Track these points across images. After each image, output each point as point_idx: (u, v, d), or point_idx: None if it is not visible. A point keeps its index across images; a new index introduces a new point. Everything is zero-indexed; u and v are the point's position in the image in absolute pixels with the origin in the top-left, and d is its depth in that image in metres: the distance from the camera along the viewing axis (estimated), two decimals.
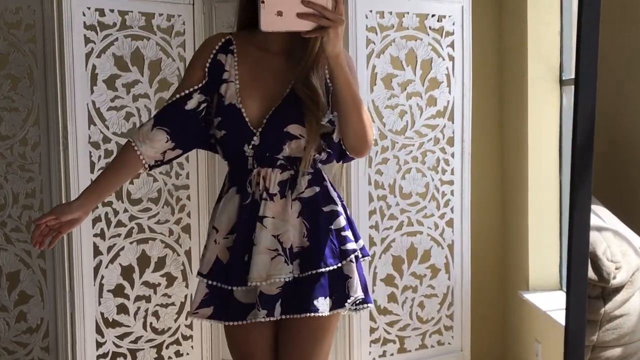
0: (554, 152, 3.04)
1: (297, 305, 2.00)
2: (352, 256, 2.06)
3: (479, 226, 3.17)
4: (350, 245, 2.06)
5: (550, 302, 2.94)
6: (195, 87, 2.04)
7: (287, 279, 1.98)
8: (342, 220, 2.08)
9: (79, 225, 2.07)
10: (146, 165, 2.06)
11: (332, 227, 2.06)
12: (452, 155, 2.96)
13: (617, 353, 2.11)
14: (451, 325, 3.01)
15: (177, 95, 2.05)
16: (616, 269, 2.03)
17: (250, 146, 2.01)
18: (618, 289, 2.06)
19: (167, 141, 2.04)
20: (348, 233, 2.08)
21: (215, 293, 2.03)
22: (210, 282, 2.02)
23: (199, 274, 2.05)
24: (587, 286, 1.37)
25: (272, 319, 1.99)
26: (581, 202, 1.32)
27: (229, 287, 2.01)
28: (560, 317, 2.74)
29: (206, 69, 2.05)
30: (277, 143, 2.00)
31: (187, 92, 2.04)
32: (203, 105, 2.06)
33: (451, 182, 2.97)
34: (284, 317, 2.00)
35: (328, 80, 2.00)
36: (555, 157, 3.04)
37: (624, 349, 2.10)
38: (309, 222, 2.03)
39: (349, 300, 2.02)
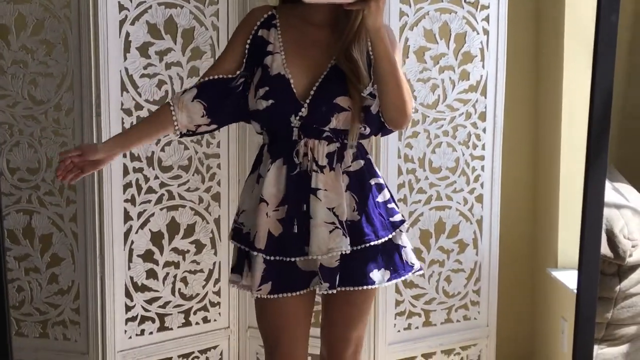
0: (586, 130, 3.00)
1: (352, 277, 2.06)
2: (403, 226, 2.14)
3: (508, 202, 3.15)
4: (398, 217, 2.14)
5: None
6: (242, 65, 2.08)
7: (345, 252, 2.02)
8: (387, 193, 2.16)
9: (102, 167, 2.18)
10: (178, 132, 2.12)
11: (379, 200, 2.12)
12: (484, 130, 2.94)
13: (632, 331, 2.09)
14: (477, 301, 3.01)
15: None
16: (633, 246, 2.01)
17: (298, 117, 2.03)
18: (634, 267, 2.04)
19: (202, 115, 2.10)
20: (394, 205, 2.16)
21: (273, 267, 2.05)
22: (269, 257, 2.04)
23: (256, 249, 2.03)
24: (599, 262, 1.36)
25: (333, 291, 2.04)
26: (596, 177, 1.31)
27: (291, 259, 2.04)
28: None
29: (247, 45, 2.09)
30: (325, 115, 2.03)
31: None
32: (242, 80, 2.10)
33: (482, 158, 2.95)
34: (340, 289, 2.04)
35: (370, 53, 2.01)
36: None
37: (639, 327, 2.08)
38: (357, 195, 2.07)
39: (414, 270, 2.15)
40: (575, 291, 2.77)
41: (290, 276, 2.05)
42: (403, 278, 2.16)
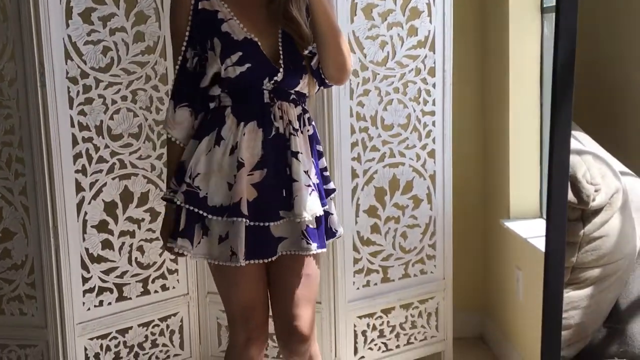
0: (535, 80, 3.04)
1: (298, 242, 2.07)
2: (333, 195, 2.19)
3: (460, 156, 3.19)
4: (331, 185, 2.20)
5: (531, 230, 2.98)
6: (185, 44, 2.05)
7: (320, 214, 2.05)
8: (324, 160, 2.17)
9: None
10: (184, 146, 2.11)
11: (320, 167, 2.15)
12: (434, 85, 2.96)
13: (595, 274, 2.15)
14: (433, 255, 3.05)
15: (178, 61, 2.07)
16: (595, 191, 2.06)
17: (272, 81, 2.01)
18: (597, 211, 2.09)
19: (190, 115, 2.09)
20: (327, 172, 2.19)
21: (247, 234, 2.02)
22: (252, 223, 2.01)
23: (242, 215, 1.99)
24: (567, 209, 1.39)
25: (319, 251, 2.06)
26: (561, 125, 1.33)
27: (266, 224, 2.03)
28: (540, 244, 2.79)
29: (189, 21, 2.04)
30: (296, 77, 2.03)
31: (182, 52, 2.06)
32: (195, 60, 2.07)
33: (432, 113, 2.97)
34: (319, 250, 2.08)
35: (309, 10, 2.00)
36: (536, 86, 3.04)
37: (603, 269, 2.14)
38: (314, 160, 2.10)
39: (337, 235, 2.17)
40: (528, 240, 2.84)
41: (262, 242, 2.04)
42: (327, 242, 2.17)
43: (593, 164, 2.09)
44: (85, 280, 2.71)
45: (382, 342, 3.01)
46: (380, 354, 3.00)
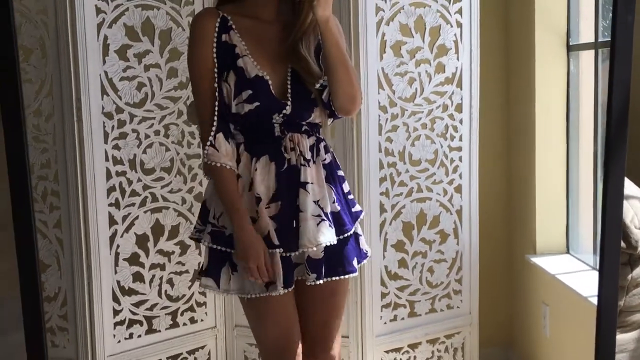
0: (561, 117, 3.07)
1: (336, 267, 2.11)
2: (362, 215, 2.22)
3: (486, 192, 3.21)
4: (357, 207, 2.22)
5: (557, 266, 2.99)
6: (216, 70, 2.05)
7: (332, 243, 2.07)
8: (347, 185, 2.21)
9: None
10: (236, 172, 2.07)
11: (344, 190, 2.19)
12: (461, 121, 2.99)
13: None
14: (460, 290, 3.06)
15: (207, 89, 2.04)
16: None
17: (281, 115, 2.04)
18: None
19: (225, 140, 2.04)
20: (351, 196, 2.23)
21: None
22: (285, 254, 2.05)
23: (276, 246, 2.03)
24: (620, 255, 1.40)
25: (319, 282, 2.08)
26: (616, 173, 1.34)
27: (288, 254, 2.06)
28: (568, 280, 2.80)
29: (214, 53, 2.05)
30: (307, 109, 2.06)
31: (215, 80, 2.04)
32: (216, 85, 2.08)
33: (459, 149, 3.00)
34: (326, 280, 2.09)
35: (321, 44, 2.04)
36: (562, 122, 3.07)
37: None
38: (334, 187, 2.12)
39: (368, 255, 2.23)
40: (556, 276, 2.85)
41: (287, 271, 2.07)
42: (361, 264, 2.22)
43: None
44: (116, 312, 2.74)
45: None
46: None
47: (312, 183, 2.07)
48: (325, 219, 2.06)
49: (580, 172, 3.03)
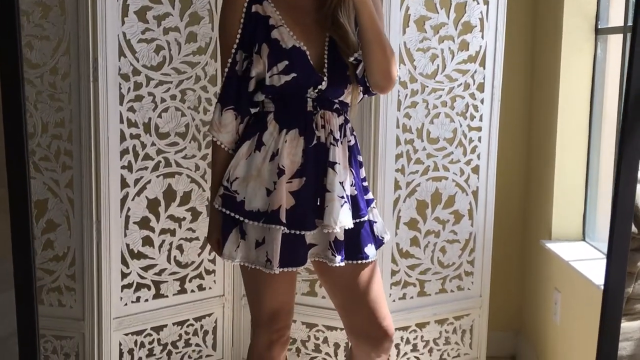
0: (585, 102, 3.00)
1: (353, 251, 2.08)
2: (373, 204, 2.18)
3: (504, 174, 3.16)
4: (370, 195, 2.18)
5: (572, 252, 2.94)
6: (235, 46, 2.04)
7: (349, 227, 2.04)
8: (363, 171, 2.18)
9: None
10: (230, 151, 2.09)
11: (361, 176, 2.15)
12: (482, 101, 2.93)
13: None
14: (471, 271, 3.02)
15: (228, 63, 2.05)
16: None
17: (316, 90, 2.01)
18: None
19: (235, 118, 2.06)
20: (366, 182, 2.19)
21: (284, 241, 2.03)
22: (290, 231, 2.02)
23: (281, 223, 2.00)
24: (630, 240, 1.36)
25: (342, 264, 2.05)
26: (629, 156, 1.30)
27: (302, 233, 2.04)
28: (582, 268, 2.75)
29: (241, 24, 2.03)
30: (340, 87, 2.02)
31: (232, 54, 2.04)
32: (246, 62, 2.06)
33: (479, 129, 2.95)
34: (347, 262, 2.07)
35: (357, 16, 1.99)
36: (586, 106, 3.00)
37: None
38: (354, 170, 2.09)
39: (385, 242, 2.18)
40: (569, 263, 2.80)
41: (296, 250, 2.04)
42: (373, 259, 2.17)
43: None
44: (124, 275, 2.73)
45: (415, 357, 2.99)
46: None
47: (339, 163, 2.03)
48: (347, 201, 2.04)
49: (601, 158, 2.97)
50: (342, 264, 2.05)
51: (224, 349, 3.01)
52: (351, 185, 2.07)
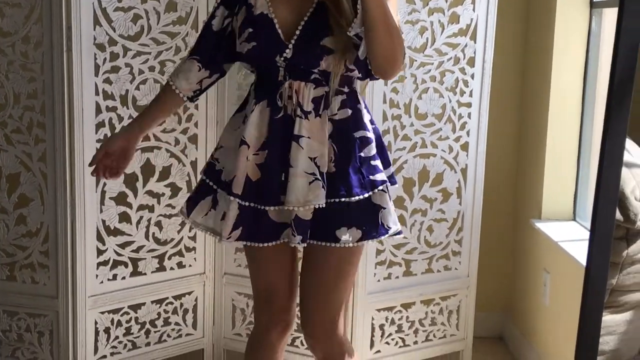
0: (578, 78, 2.92)
1: (322, 233, 1.95)
2: (383, 186, 1.97)
3: (494, 151, 3.07)
4: (380, 176, 1.97)
5: (562, 232, 2.87)
6: (218, 0, 1.98)
7: (321, 206, 1.90)
8: (372, 148, 1.98)
9: (132, 156, 2.10)
10: (185, 98, 2.06)
11: (361, 154, 1.97)
12: (472, 76, 2.84)
13: (636, 298, 2.02)
14: (459, 251, 2.95)
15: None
16: None
17: (282, 58, 1.90)
18: None
19: (199, 70, 2.03)
20: (378, 162, 1.99)
21: (245, 213, 1.94)
22: (244, 202, 1.93)
23: (233, 194, 1.92)
24: (614, 226, 1.28)
25: (304, 245, 1.94)
26: (615, 135, 1.22)
27: (263, 207, 1.94)
28: (571, 248, 2.68)
29: None
30: (312, 56, 1.89)
31: (214, 8, 2.00)
32: (227, 20, 1.99)
33: (469, 105, 2.86)
34: (312, 242, 1.95)
35: None
36: (579, 83, 2.92)
37: None
38: (337, 146, 1.94)
39: (390, 232, 1.98)
40: (559, 243, 2.74)
41: (260, 225, 1.95)
42: (376, 240, 2.03)
43: None
44: (100, 252, 2.65)
45: (400, 337, 2.92)
46: (396, 349, 2.92)
47: (308, 137, 1.90)
48: (320, 178, 1.90)
49: (593, 137, 2.89)
50: (302, 245, 1.94)
51: (204, 327, 2.94)
52: (330, 161, 1.93)
